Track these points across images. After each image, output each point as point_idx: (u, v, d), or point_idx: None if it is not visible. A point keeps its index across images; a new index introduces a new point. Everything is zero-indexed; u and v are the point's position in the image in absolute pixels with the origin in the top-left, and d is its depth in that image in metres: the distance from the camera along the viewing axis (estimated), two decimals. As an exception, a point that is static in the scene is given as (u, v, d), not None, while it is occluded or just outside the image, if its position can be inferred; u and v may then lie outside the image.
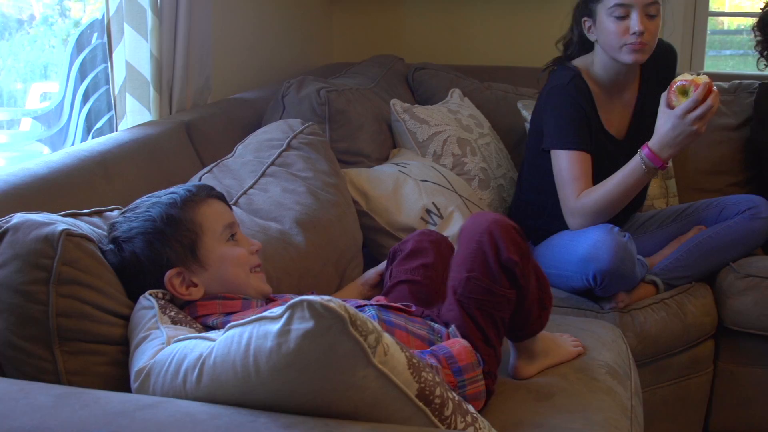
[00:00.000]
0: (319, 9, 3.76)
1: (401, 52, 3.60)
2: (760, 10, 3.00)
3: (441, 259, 1.95)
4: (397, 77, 3.29)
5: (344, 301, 1.68)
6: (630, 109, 2.63)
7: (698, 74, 2.28)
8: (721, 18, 5.31)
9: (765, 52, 2.98)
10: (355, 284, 2.08)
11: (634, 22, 2.40)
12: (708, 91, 2.21)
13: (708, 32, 3.71)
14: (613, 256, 2.26)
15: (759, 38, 2.98)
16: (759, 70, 3.05)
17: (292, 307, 1.09)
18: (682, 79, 2.25)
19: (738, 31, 5.19)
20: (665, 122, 2.26)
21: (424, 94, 3.27)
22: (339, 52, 3.86)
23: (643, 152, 2.32)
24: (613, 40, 2.44)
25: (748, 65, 3.16)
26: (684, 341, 2.50)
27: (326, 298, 1.09)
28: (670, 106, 2.26)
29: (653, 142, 2.30)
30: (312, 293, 1.77)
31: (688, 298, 2.52)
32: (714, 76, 3.36)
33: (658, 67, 2.61)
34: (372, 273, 2.07)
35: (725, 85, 3.23)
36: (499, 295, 1.67)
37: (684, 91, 2.23)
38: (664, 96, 2.28)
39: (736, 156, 3.15)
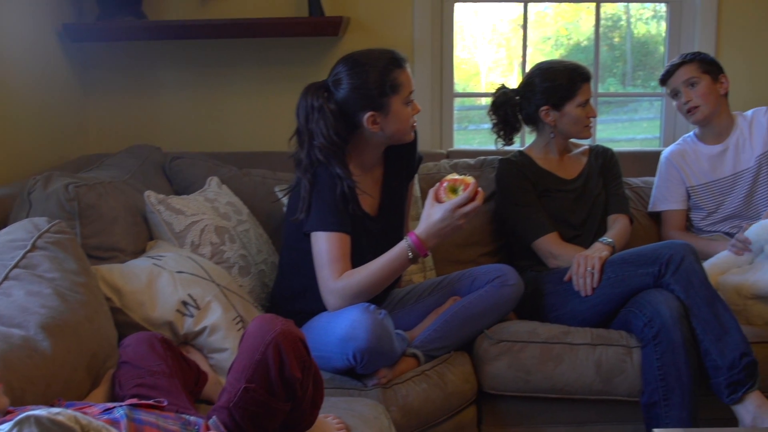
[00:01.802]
0: (71, 99, 3.65)
1: (159, 142, 3.56)
2: (492, 95, 3.22)
3: (156, 353, 2.00)
4: (153, 167, 3.24)
5: (89, 405, 1.64)
6: (379, 186, 2.74)
7: (464, 175, 2.46)
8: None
9: (501, 133, 3.21)
10: (106, 381, 2.03)
11: (416, 104, 2.62)
12: (476, 191, 2.40)
13: (456, 109, 3.94)
14: (371, 334, 2.32)
15: (494, 120, 3.21)
16: (497, 148, 3.28)
17: (19, 423, 1.06)
18: (451, 178, 2.45)
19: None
20: (434, 213, 2.41)
21: (181, 183, 3.24)
22: (94, 143, 3.75)
23: (410, 239, 2.43)
24: (406, 123, 2.59)
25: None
26: (447, 409, 2.59)
27: (55, 410, 1.07)
28: (439, 201, 2.42)
29: (421, 231, 2.43)
30: (59, 401, 1.71)
31: (448, 367, 2.62)
32: (461, 153, 3.61)
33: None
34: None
35: (472, 161, 3.44)
36: (274, 408, 1.70)
37: (453, 189, 2.43)
38: (432, 191, 2.45)
39: (486, 227, 3.33)
